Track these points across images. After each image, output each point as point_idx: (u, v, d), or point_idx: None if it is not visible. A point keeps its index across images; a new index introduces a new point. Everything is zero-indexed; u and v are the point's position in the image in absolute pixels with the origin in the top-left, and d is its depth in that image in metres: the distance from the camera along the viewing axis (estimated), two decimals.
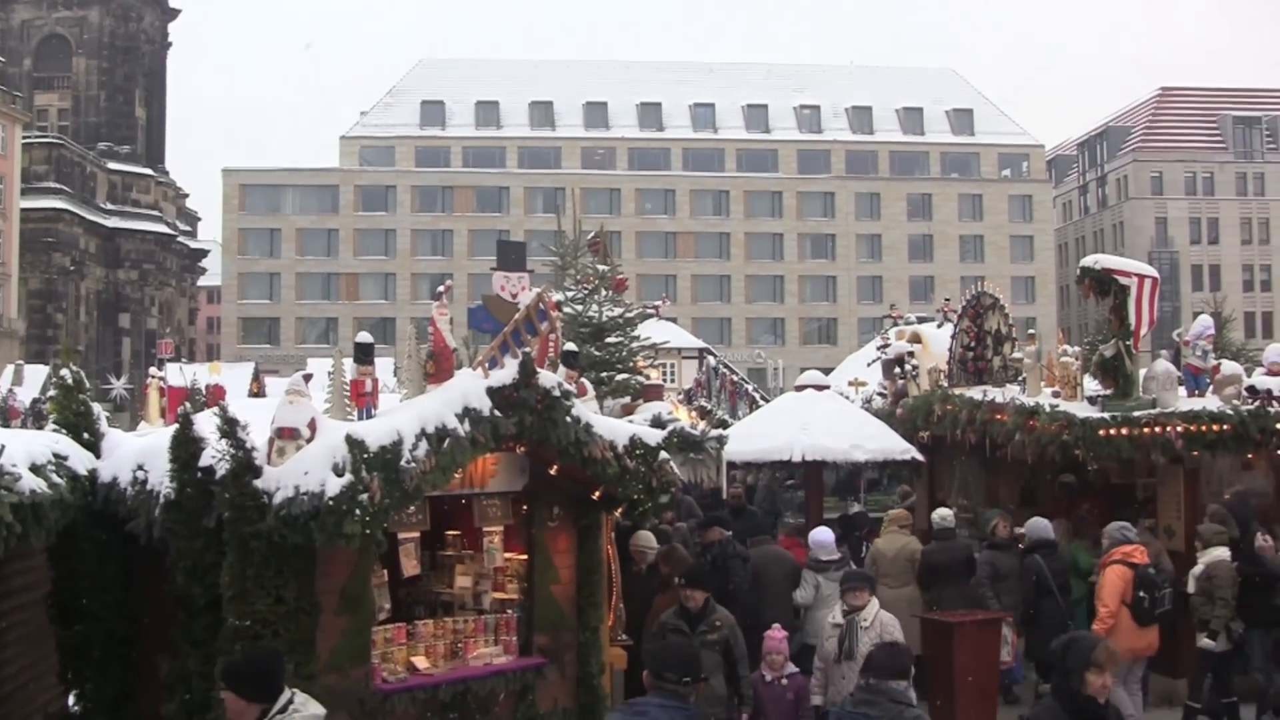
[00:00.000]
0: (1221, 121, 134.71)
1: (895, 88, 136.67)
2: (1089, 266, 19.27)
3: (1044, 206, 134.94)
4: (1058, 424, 18.39)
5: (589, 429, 12.21)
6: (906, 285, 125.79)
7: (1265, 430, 18.76)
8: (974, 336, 23.02)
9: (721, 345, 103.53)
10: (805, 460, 21.26)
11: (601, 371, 21.97)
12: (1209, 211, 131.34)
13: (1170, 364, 20.00)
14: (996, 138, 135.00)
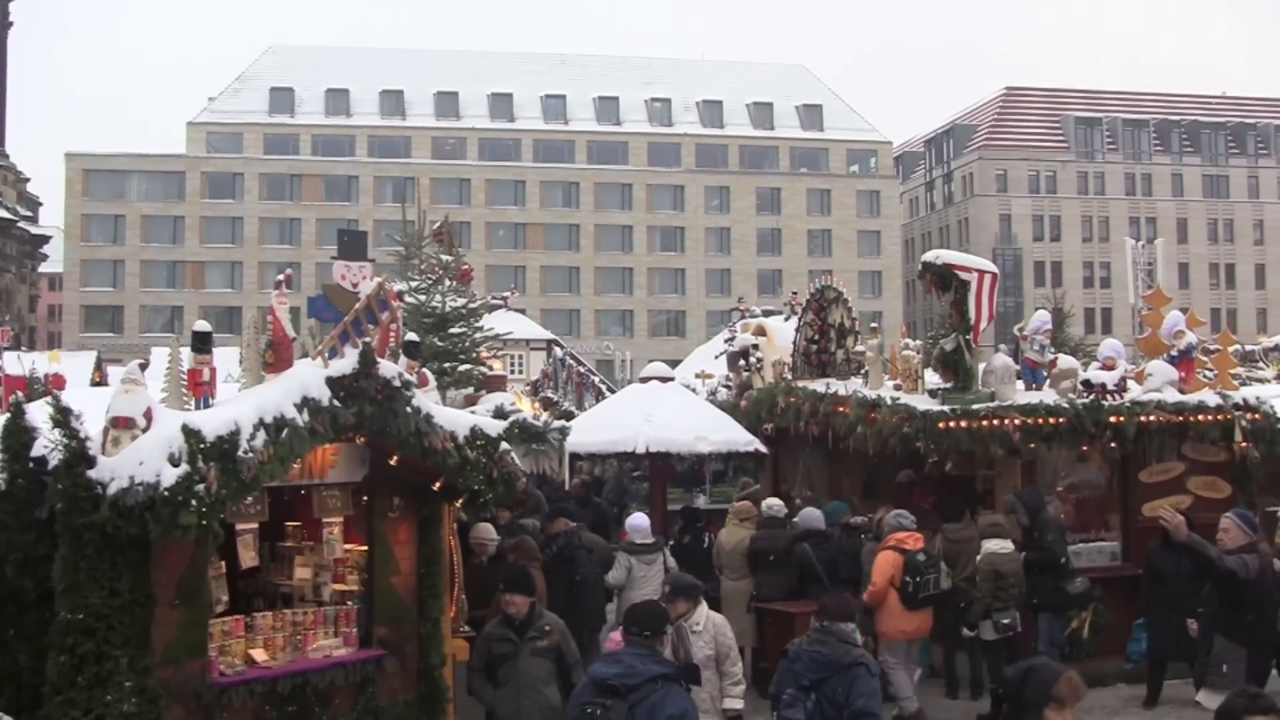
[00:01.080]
0: (1064, 122, 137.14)
1: (746, 82, 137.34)
2: (930, 262, 19.49)
3: (891, 202, 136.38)
4: (898, 416, 18.57)
5: (429, 419, 12.16)
6: (755, 279, 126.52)
7: (1099, 423, 19.19)
8: (818, 330, 23.21)
9: (570, 337, 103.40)
10: (650, 452, 21.36)
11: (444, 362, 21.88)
12: (1051, 209, 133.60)
13: (1008, 358, 20.34)
14: (845, 134, 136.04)
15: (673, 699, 9.27)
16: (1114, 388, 19.67)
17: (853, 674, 10.55)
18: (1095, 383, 19.64)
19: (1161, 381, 20.33)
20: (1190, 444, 20.22)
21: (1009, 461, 19.59)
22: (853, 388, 20.44)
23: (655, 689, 9.27)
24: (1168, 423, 19.75)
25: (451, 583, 14.53)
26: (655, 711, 9.12)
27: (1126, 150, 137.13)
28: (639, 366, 26.29)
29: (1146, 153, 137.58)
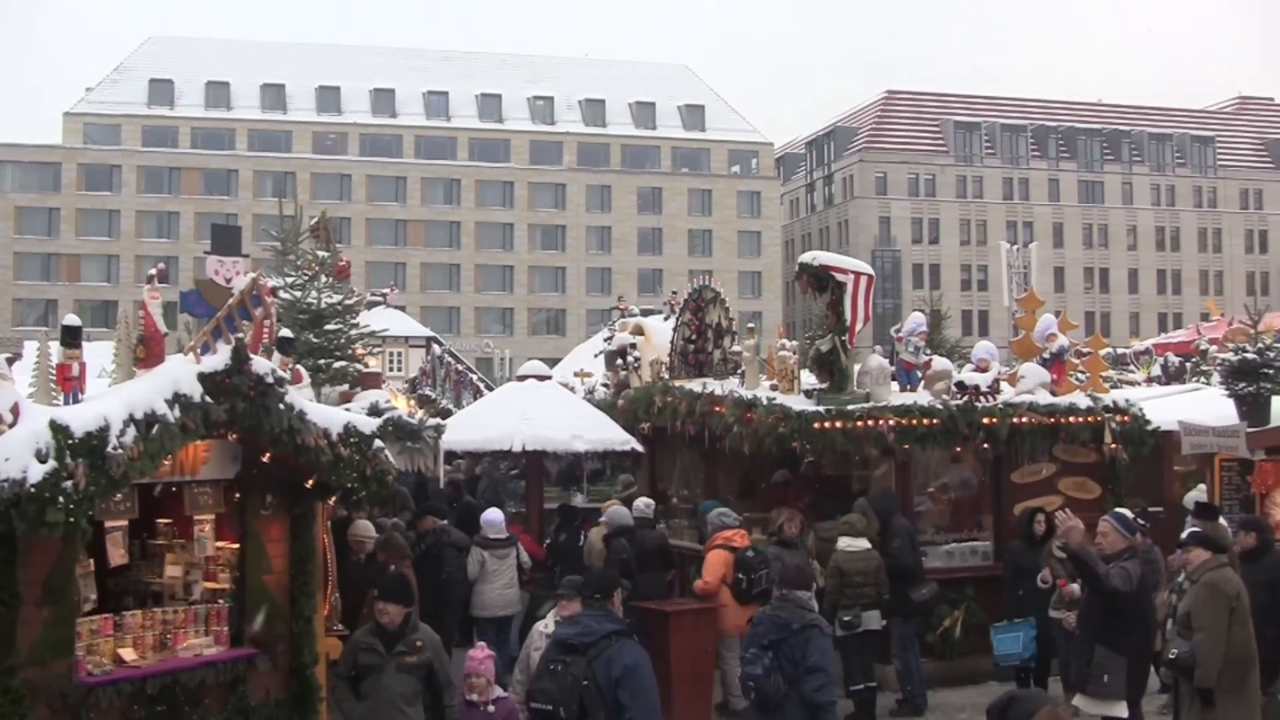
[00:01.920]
0: (944, 126, 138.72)
1: (629, 81, 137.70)
2: (807, 263, 19.58)
3: (772, 203, 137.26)
4: (774, 416, 18.64)
5: (302, 416, 12.05)
6: (635, 278, 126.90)
7: (972, 424, 19.44)
8: (695, 329, 23.26)
9: (450, 334, 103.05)
10: (526, 450, 21.35)
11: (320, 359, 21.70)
12: (930, 212, 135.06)
13: (883, 359, 20.52)
14: (727, 134, 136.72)
15: (626, 651, 10.65)
16: (987, 389, 19.91)
17: (807, 634, 11.92)
18: (969, 384, 19.86)
19: (1034, 384, 20.60)
20: (1061, 445, 20.53)
21: (883, 462, 19.79)
22: (729, 388, 20.50)
23: (610, 644, 10.63)
24: (1039, 424, 20.03)
25: (325, 580, 14.41)
26: (611, 663, 10.49)
27: (1004, 155, 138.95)
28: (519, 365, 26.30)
29: (1024, 158, 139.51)
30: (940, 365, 20.79)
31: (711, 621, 17.86)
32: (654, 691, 10.84)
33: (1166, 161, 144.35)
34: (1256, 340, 22.70)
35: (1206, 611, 12.96)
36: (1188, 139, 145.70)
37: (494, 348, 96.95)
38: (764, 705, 11.94)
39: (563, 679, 10.56)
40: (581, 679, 10.48)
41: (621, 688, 10.49)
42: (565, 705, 10.45)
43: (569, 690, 10.49)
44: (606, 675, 10.45)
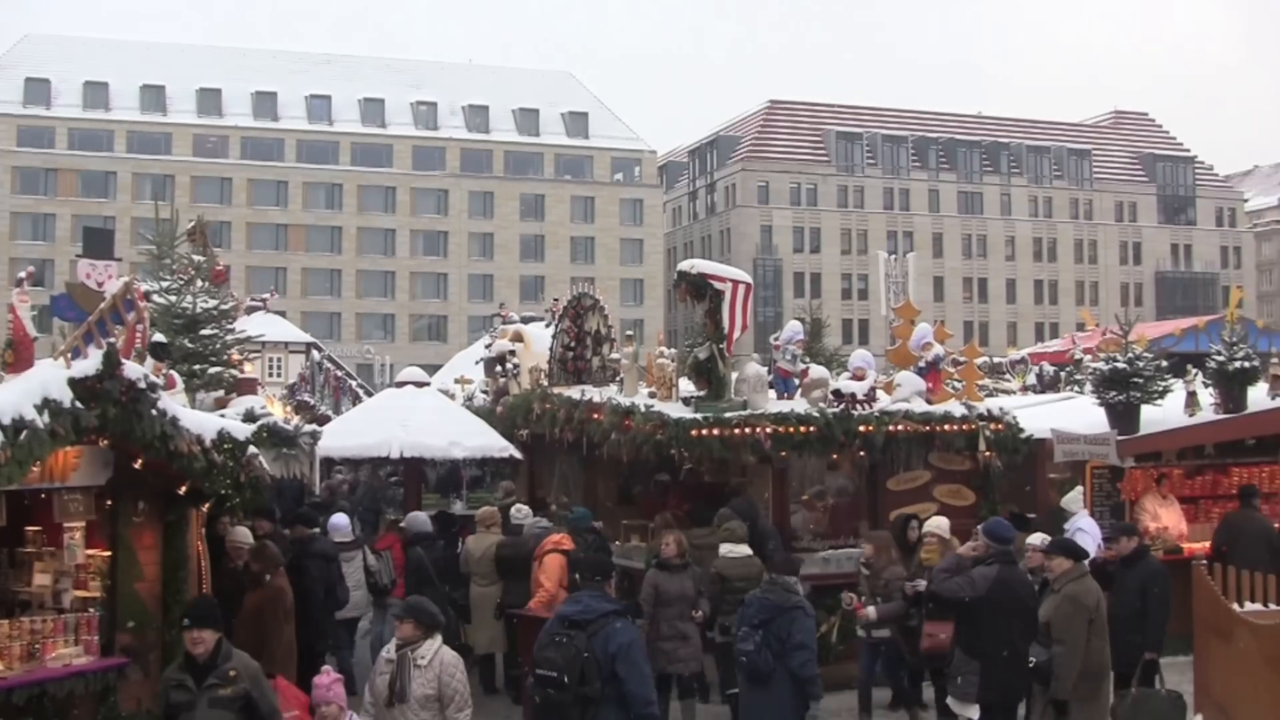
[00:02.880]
0: (826, 136, 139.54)
1: (512, 88, 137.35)
2: (685, 271, 19.64)
3: (654, 211, 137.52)
4: (652, 424, 18.68)
5: (175, 422, 11.95)
6: (518, 284, 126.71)
7: (849, 432, 19.54)
8: (574, 336, 23.31)
9: (331, 340, 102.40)
10: (404, 457, 21.28)
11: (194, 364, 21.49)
12: (812, 221, 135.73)
13: (760, 367, 20.63)
14: (610, 142, 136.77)
15: (622, 630, 11.59)
16: (863, 397, 20.06)
17: (793, 615, 13.50)
18: (845, 392, 19.99)
19: (909, 392, 20.80)
20: (936, 453, 20.71)
21: (761, 469, 19.89)
22: (607, 395, 20.55)
23: (608, 623, 11.60)
24: (915, 432, 20.18)
25: (199, 588, 14.27)
26: (608, 640, 11.46)
27: (885, 166, 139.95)
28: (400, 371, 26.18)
29: (905, 169, 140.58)
30: (817, 373, 20.95)
31: None
32: (646, 665, 11.90)
33: (1044, 174, 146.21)
34: (1127, 350, 23.01)
35: (1067, 624, 13.20)
36: (1065, 152, 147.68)
37: (375, 354, 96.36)
38: (755, 678, 13.56)
39: (566, 650, 11.48)
40: (583, 651, 11.42)
41: (619, 661, 11.41)
42: (568, 673, 11.37)
43: (571, 660, 11.42)
44: (604, 649, 11.43)
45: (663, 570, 16.50)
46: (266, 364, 47.99)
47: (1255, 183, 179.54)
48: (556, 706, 11.51)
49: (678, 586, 16.24)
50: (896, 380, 21.27)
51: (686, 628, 16.21)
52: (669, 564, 16.52)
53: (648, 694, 11.66)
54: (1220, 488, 23.85)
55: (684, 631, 16.17)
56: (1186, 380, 23.79)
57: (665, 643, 15.90)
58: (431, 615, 11.70)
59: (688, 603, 16.30)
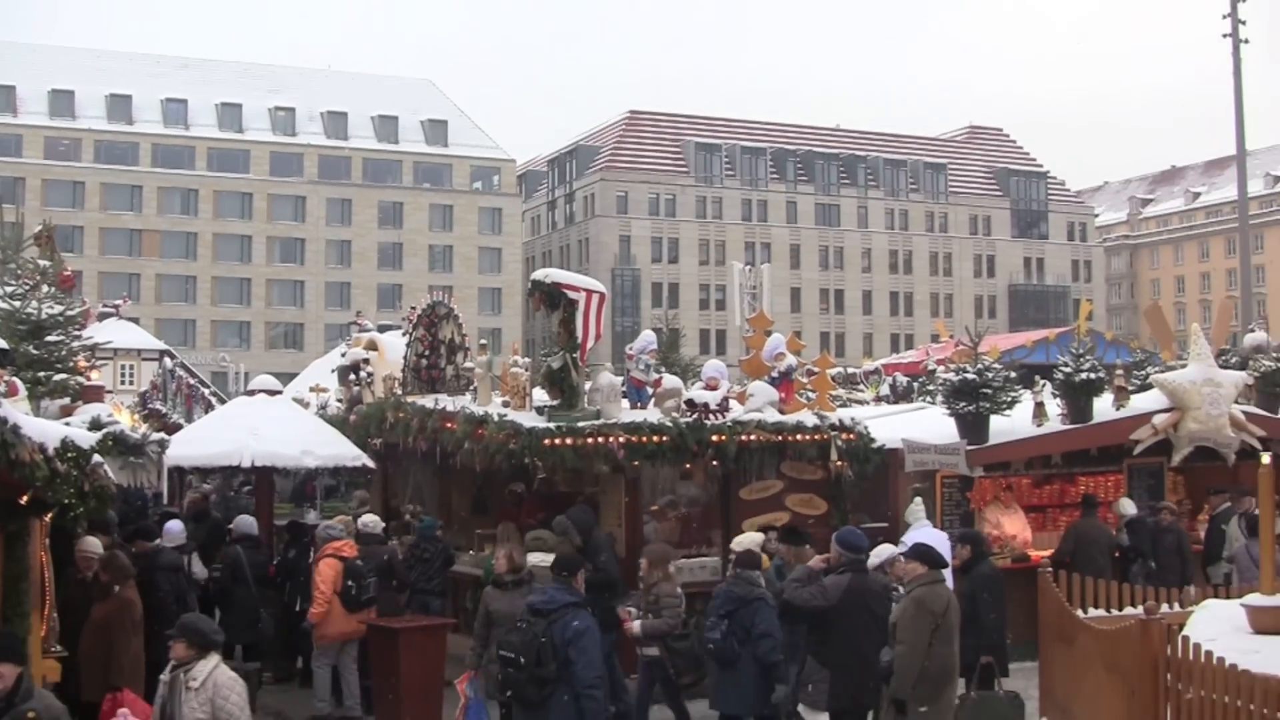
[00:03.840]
0: (685, 147, 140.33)
1: (372, 95, 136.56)
2: (539, 280, 19.62)
3: (513, 220, 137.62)
4: (505, 433, 18.64)
5: (16, 430, 11.69)
6: (375, 293, 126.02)
7: (702, 442, 19.62)
8: (428, 345, 23.22)
9: (185, 347, 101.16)
10: (255, 465, 21.05)
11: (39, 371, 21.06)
12: (670, 232, 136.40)
13: (614, 377, 20.66)
14: (469, 150, 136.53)
15: (578, 619, 12.82)
16: (716, 407, 20.13)
17: (755, 606, 14.79)
18: (698, 402, 20.06)
19: (762, 402, 20.90)
20: (789, 462, 20.83)
21: (613, 478, 19.93)
22: (461, 403, 20.50)
23: (567, 612, 12.85)
24: (767, 442, 20.28)
25: (43, 600, 14.01)
26: (566, 627, 12.70)
27: (744, 177, 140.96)
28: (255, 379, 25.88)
29: (763, 180, 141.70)
30: (670, 383, 20.99)
31: (441, 639, 17.87)
32: (597, 651, 13.11)
33: (901, 187, 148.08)
34: (977, 361, 23.33)
35: (909, 626, 13.40)
36: (921, 165, 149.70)
37: (230, 362, 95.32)
38: (723, 663, 14.83)
39: (525, 635, 12.85)
40: (540, 636, 12.71)
41: (571, 646, 12.63)
42: (525, 655, 12.69)
43: (529, 644, 12.73)
44: (561, 635, 12.68)
45: (495, 588, 15.90)
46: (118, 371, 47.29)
47: (1105, 198, 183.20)
48: (515, 684, 12.88)
49: (508, 605, 15.18)
50: (749, 390, 21.37)
51: None
52: (500, 581, 15.86)
53: (592, 678, 12.73)
54: (1067, 496, 24.40)
55: None
56: (1034, 391, 24.16)
57: (493, 665, 14.54)
58: (204, 635, 11.16)
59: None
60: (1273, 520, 14.21)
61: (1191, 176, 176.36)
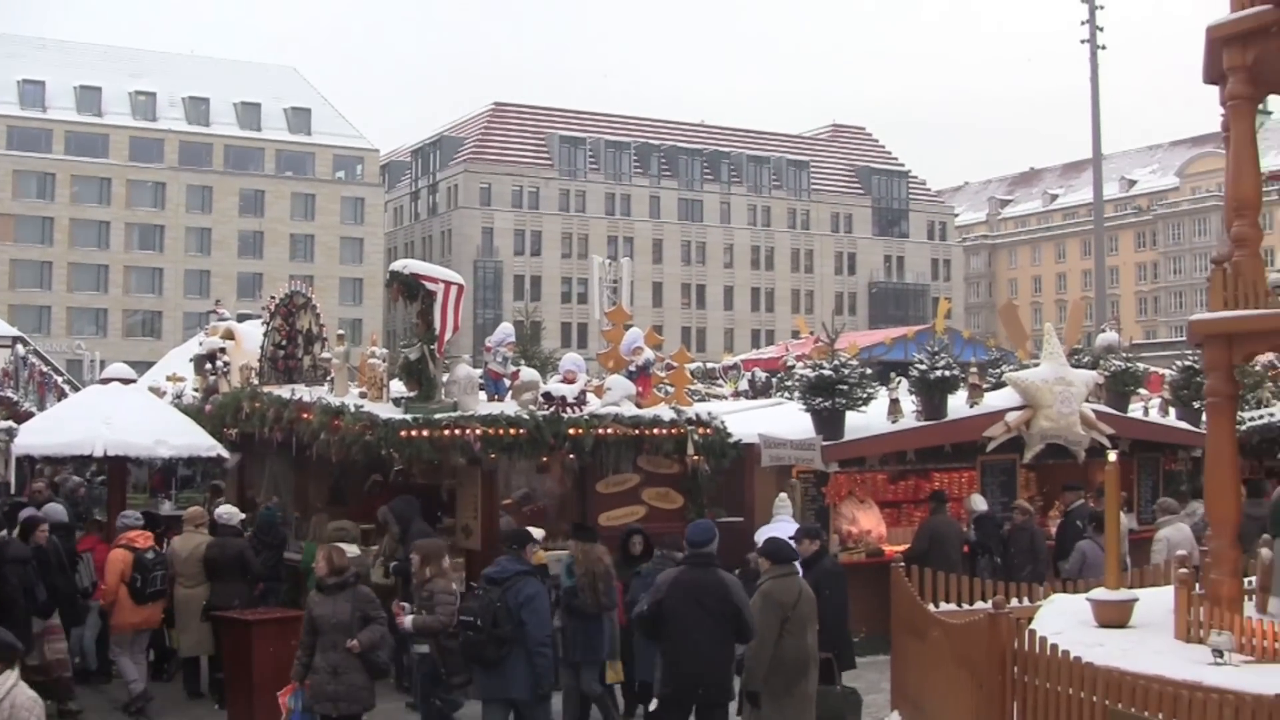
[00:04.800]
0: (549, 140, 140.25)
1: (234, 81, 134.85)
2: (398, 271, 19.62)
3: (376, 210, 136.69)
4: (361, 424, 18.63)
5: None
6: (235, 281, 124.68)
7: (558, 435, 19.72)
8: (286, 335, 23.08)
9: (40, 334, 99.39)
10: (108, 455, 20.81)
11: None
12: (533, 225, 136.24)
13: (471, 369, 20.67)
14: (333, 139, 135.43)
15: (529, 585, 14.29)
16: (573, 400, 20.24)
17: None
18: (555, 395, 20.15)
19: (619, 395, 21.02)
20: (645, 456, 20.98)
21: (470, 471, 19.94)
22: (318, 394, 20.41)
23: (519, 580, 14.33)
24: (624, 435, 20.43)
25: None
26: (519, 593, 14.14)
27: (607, 171, 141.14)
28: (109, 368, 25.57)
29: (627, 174, 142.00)
30: (528, 376, 21.07)
31: (294, 630, 17.74)
32: (547, 614, 14.76)
33: (763, 183, 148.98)
34: (833, 358, 23.56)
35: (759, 618, 13.48)
36: (784, 163, 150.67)
37: (86, 349, 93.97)
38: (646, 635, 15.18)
39: (483, 600, 14.28)
40: (495, 601, 14.12)
41: (524, 610, 14.02)
42: (482, 618, 14.07)
43: (486, 608, 14.12)
44: (515, 600, 14.09)
45: (318, 592, 14.66)
46: None
47: (965, 198, 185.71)
48: (475, 645, 14.22)
49: (332, 610, 14.27)
50: (607, 384, 21.47)
51: (340, 660, 14.11)
52: (323, 584, 14.59)
53: (543, 637, 14.27)
54: (922, 492, 24.80)
55: (335, 664, 14.07)
56: (890, 388, 24.47)
57: (317, 675, 14.06)
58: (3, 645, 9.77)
59: (343, 631, 14.18)
60: (1118, 516, 14.55)
61: (1049, 179, 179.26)
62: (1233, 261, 13.07)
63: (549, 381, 21.56)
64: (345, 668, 14.07)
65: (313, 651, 14.22)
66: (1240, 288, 12.75)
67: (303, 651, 14.36)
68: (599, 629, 16.82)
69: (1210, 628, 12.29)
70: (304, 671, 14.23)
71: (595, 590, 16.63)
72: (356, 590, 14.60)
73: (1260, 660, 11.73)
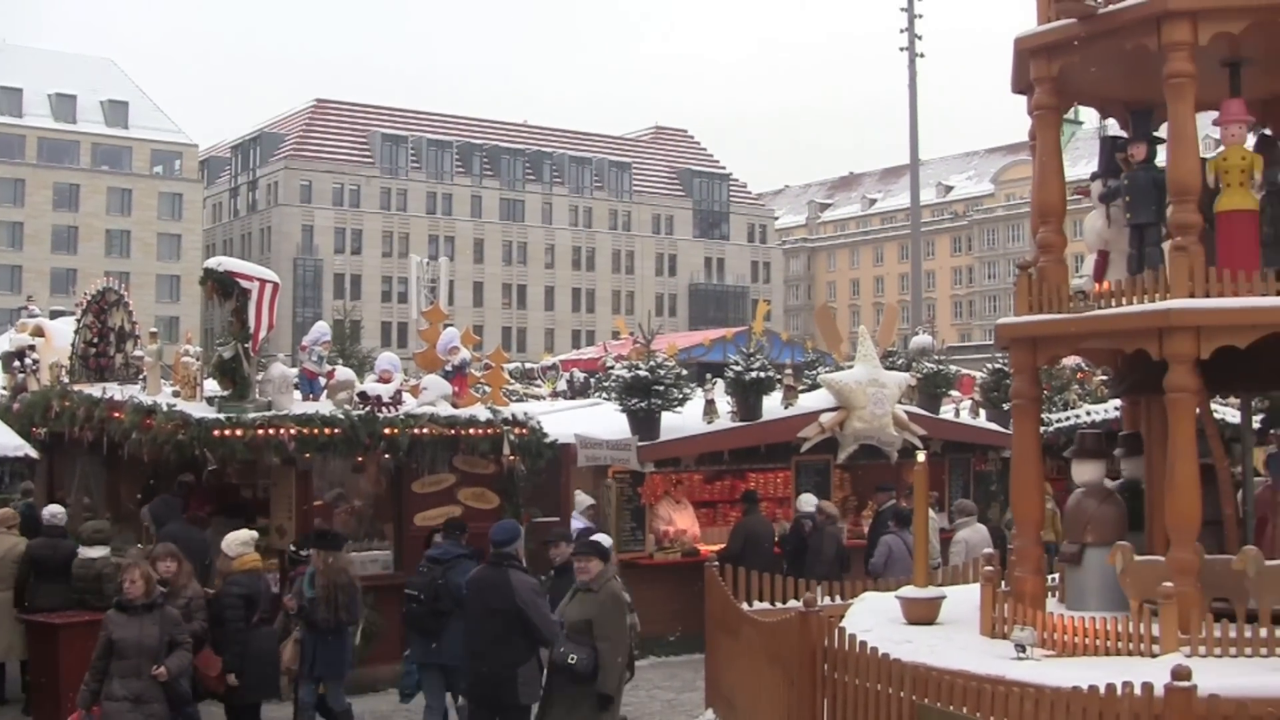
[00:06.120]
0: (371, 138, 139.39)
1: (49, 72, 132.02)
2: (212, 269, 19.45)
3: (194, 206, 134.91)
4: (174, 424, 18.39)
5: None
6: (48, 277, 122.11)
7: (374, 434, 19.66)
8: (97, 332, 22.71)
9: None
10: None
11: None
12: (354, 223, 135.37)
13: (286, 368, 20.56)
14: (151, 133, 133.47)
15: (468, 567, 15.41)
16: (389, 400, 20.20)
17: None
18: (371, 394, 20.10)
19: (435, 395, 20.98)
20: (461, 456, 20.94)
21: (284, 470, 19.81)
22: (130, 393, 20.14)
23: (460, 561, 16.06)
24: (440, 435, 20.38)
25: None
26: (461, 573, 15.37)
27: (429, 170, 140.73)
28: None
29: (449, 173, 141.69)
30: (343, 375, 21.00)
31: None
32: None
33: (585, 184, 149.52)
34: (650, 358, 23.75)
35: (610, 621, 13.22)
36: (606, 164, 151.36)
37: None
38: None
39: (425, 578, 16.21)
40: (437, 579, 15.98)
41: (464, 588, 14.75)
42: (425, 593, 16.00)
43: (428, 585, 16.05)
44: (455, 580, 15.51)
45: (120, 612, 13.46)
46: None
47: (785, 201, 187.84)
48: (417, 616, 16.11)
49: (137, 633, 13.15)
50: (423, 383, 21.45)
51: (143, 688, 13.06)
52: (129, 605, 13.39)
53: None
54: (737, 492, 25.09)
55: (138, 693, 13.01)
56: (706, 389, 24.75)
57: (112, 703, 12.94)
58: None
59: (149, 656, 13.16)
60: (926, 515, 14.90)
61: (868, 183, 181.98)
62: (1037, 267, 13.45)
63: (365, 381, 21.48)
64: (149, 696, 13.04)
65: (104, 677, 13.02)
66: (1044, 292, 13.11)
67: (92, 677, 13.11)
68: (340, 643, 16.34)
69: (1014, 624, 12.62)
70: (91, 699, 13.02)
71: (334, 603, 15.99)
72: (164, 611, 13.52)
73: (1061, 654, 12.08)
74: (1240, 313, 11.75)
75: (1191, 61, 12.08)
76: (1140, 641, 11.66)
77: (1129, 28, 12.49)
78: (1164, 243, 13.05)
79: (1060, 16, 13.02)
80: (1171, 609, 11.41)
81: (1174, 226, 12.30)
